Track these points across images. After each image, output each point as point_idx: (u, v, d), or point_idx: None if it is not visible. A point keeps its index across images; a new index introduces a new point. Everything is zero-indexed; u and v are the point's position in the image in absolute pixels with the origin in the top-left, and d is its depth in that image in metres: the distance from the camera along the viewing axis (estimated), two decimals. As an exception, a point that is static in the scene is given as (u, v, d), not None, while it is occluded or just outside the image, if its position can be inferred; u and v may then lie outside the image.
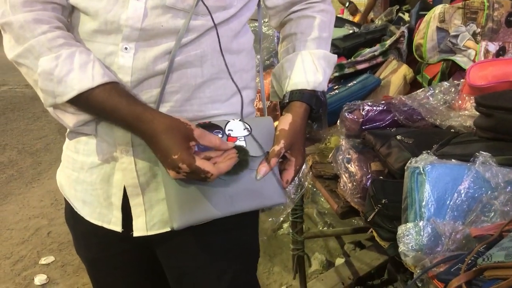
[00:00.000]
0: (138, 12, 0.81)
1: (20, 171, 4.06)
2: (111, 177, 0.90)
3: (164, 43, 0.83)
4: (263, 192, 0.87)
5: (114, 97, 0.79)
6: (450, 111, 1.21)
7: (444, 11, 1.54)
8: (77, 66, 0.78)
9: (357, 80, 1.97)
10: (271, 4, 1.03)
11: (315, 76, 0.95)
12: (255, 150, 0.87)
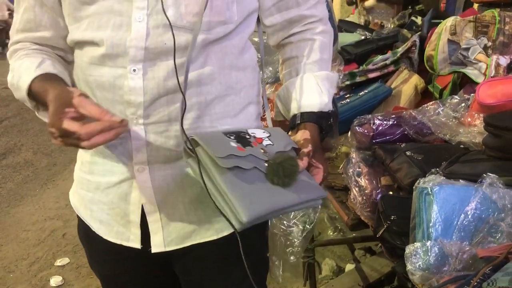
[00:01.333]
0: (141, 32, 0.85)
1: (35, 172, 4.14)
2: (128, 195, 0.94)
3: (170, 61, 0.86)
4: (306, 186, 0.87)
5: (38, 83, 0.88)
6: (459, 126, 1.23)
7: (456, 24, 1.55)
8: (22, 71, 0.91)
9: (368, 89, 1.99)
10: (269, 23, 1.05)
11: (321, 98, 0.97)
12: (283, 145, 0.88)
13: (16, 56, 0.95)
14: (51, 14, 0.93)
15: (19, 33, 0.96)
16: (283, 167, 0.81)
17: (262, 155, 0.84)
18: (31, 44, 0.96)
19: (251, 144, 0.85)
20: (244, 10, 0.95)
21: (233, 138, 0.85)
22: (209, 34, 0.89)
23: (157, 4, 0.84)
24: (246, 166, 0.81)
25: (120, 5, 0.85)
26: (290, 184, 0.82)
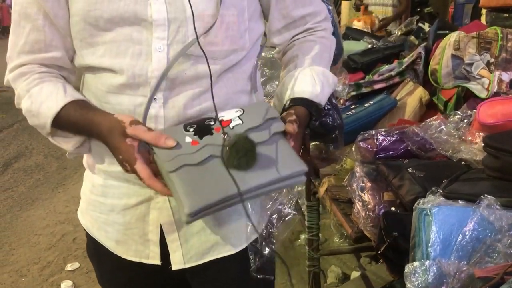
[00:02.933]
0: (162, 62, 0.88)
1: (46, 176, 4.21)
2: (146, 216, 0.98)
3: (190, 90, 0.91)
4: (279, 162, 0.82)
5: (75, 111, 0.89)
6: (461, 143, 1.26)
7: (459, 39, 1.58)
8: (45, 97, 0.90)
9: (374, 101, 2.02)
10: (278, 41, 1.10)
11: (314, 88, 0.98)
12: (255, 120, 0.86)
13: (27, 81, 0.93)
14: (61, 34, 0.93)
15: (25, 55, 0.93)
16: (236, 149, 0.79)
17: (222, 140, 0.82)
18: (38, 67, 0.95)
19: (212, 132, 0.85)
20: (254, 36, 1.00)
21: (192, 131, 0.85)
22: (224, 63, 0.93)
23: (177, 34, 0.88)
24: (196, 161, 0.81)
25: (139, 34, 0.88)
26: (248, 164, 0.80)
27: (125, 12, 0.87)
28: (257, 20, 1.02)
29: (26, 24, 0.92)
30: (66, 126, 0.92)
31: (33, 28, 0.92)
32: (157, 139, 0.82)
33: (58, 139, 0.95)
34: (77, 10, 0.89)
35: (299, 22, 1.06)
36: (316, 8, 1.08)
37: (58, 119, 0.90)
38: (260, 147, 0.83)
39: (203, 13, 0.88)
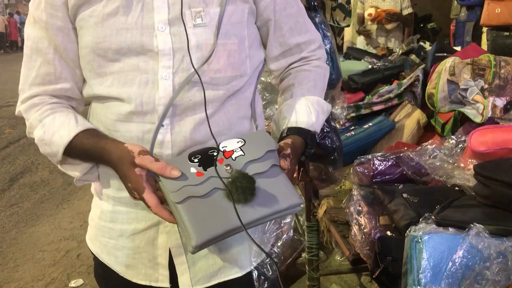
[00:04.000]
0: (168, 90, 0.93)
1: (51, 192, 4.26)
2: (155, 240, 1.02)
3: (195, 115, 0.95)
4: (277, 196, 0.89)
5: (87, 140, 0.94)
6: (455, 169, 1.29)
7: (454, 65, 1.62)
8: (57, 127, 0.95)
9: (373, 122, 2.06)
10: (274, 68, 1.15)
11: (309, 117, 1.03)
12: (256, 152, 0.91)
13: (39, 111, 0.97)
14: (71, 66, 0.99)
15: (36, 87, 0.98)
16: (236, 185, 0.85)
17: (225, 172, 0.88)
18: (49, 98, 0.99)
19: (215, 163, 0.90)
20: (255, 63, 1.05)
21: (196, 162, 0.90)
22: (227, 89, 0.98)
23: (182, 63, 0.93)
24: (201, 193, 0.86)
25: (145, 64, 0.93)
26: (247, 200, 0.86)
27: (132, 43, 0.92)
28: (257, 47, 1.07)
29: (37, 58, 0.98)
30: (77, 154, 0.96)
31: (44, 61, 0.98)
32: (163, 169, 0.86)
33: (67, 167, 0.99)
34: (87, 43, 0.95)
35: (295, 49, 1.12)
36: (311, 36, 1.13)
37: (70, 148, 0.94)
38: (260, 178, 0.89)
39: (206, 43, 0.94)
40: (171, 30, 0.92)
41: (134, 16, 0.92)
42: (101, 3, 0.92)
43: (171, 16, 0.92)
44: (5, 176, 4.63)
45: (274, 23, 1.06)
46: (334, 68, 1.76)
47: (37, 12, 0.96)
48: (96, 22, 0.93)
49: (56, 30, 0.95)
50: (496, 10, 3.35)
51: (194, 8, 0.93)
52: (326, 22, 1.73)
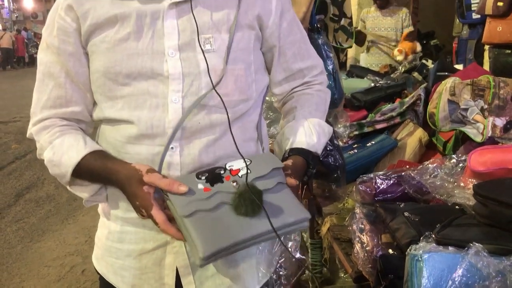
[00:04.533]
0: (178, 113, 0.97)
1: (57, 207, 4.29)
2: (163, 260, 1.04)
3: (204, 138, 0.99)
4: (284, 210, 0.90)
5: (95, 161, 0.97)
6: (455, 188, 1.32)
7: (455, 85, 1.65)
8: (66, 148, 0.98)
9: (375, 141, 2.10)
10: (278, 92, 1.19)
11: (310, 139, 1.06)
12: (261, 170, 0.94)
13: (49, 133, 1.00)
14: (81, 90, 1.02)
15: (47, 109, 1.02)
16: (243, 197, 0.87)
17: (232, 188, 0.90)
18: (60, 120, 1.02)
19: (222, 180, 0.92)
20: (260, 87, 1.09)
21: (204, 179, 0.92)
22: (234, 112, 1.01)
23: (191, 87, 0.96)
24: (208, 207, 0.88)
25: (155, 88, 0.96)
26: (254, 212, 0.87)
27: (143, 68, 0.96)
28: (262, 72, 1.11)
29: (49, 82, 1.02)
30: (85, 175, 0.99)
31: (56, 85, 1.02)
32: (171, 185, 0.89)
33: (75, 188, 1.02)
34: (98, 67, 0.99)
35: (297, 75, 1.15)
36: (313, 62, 1.17)
37: (79, 169, 0.97)
38: (266, 194, 0.91)
39: (215, 68, 0.97)
40: (181, 56, 0.96)
41: (145, 42, 0.96)
42: (113, 29, 0.96)
43: (181, 42, 0.96)
44: (11, 191, 4.67)
45: (279, 49, 1.10)
46: (336, 87, 1.79)
47: (50, 38, 1.00)
48: (107, 47, 0.97)
49: (68, 55, 0.99)
50: (498, 29, 3.38)
51: (203, 35, 0.97)
52: (328, 43, 1.78)
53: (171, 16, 0.96)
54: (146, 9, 0.96)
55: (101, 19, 0.97)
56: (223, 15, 0.99)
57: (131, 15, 0.96)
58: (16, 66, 19.96)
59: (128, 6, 0.96)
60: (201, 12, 0.98)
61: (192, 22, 0.96)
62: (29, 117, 1.06)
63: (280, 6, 1.07)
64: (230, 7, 1.00)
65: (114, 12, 0.96)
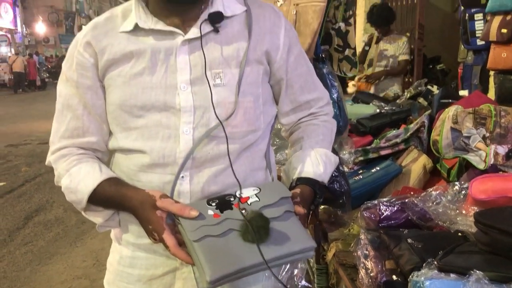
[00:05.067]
0: (188, 144, 1.02)
1: (65, 230, 4.33)
2: (172, 286, 1.07)
3: (213, 167, 1.03)
4: (291, 238, 0.93)
5: (109, 187, 1.02)
6: (458, 215, 1.34)
7: (457, 114, 1.69)
8: (83, 176, 1.03)
9: (380, 167, 2.13)
10: (285, 122, 1.24)
11: (317, 168, 1.11)
12: (270, 199, 0.97)
13: (67, 161, 1.06)
14: (98, 121, 1.08)
15: (65, 139, 1.08)
16: (252, 224, 0.90)
17: (240, 215, 0.93)
18: (77, 149, 1.08)
19: (232, 207, 0.96)
20: (268, 118, 1.14)
21: (214, 205, 0.96)
22: (243, 143, 1.06)
23: (202, 119, 1.02)
24: (217, 232, 0.91)
25: (168, 120, 1.02)
26: (262, 239, 0.91)
27: (156, 101, 1.02)
28: (270, 104, 1.16)
29: (67, 113, 1.08)
30: (100, 201, 1.04)
31: (74, 116, 1.08)
32: (182, 210, 0.93)
33: (90, 214, 1.07)
34: (114, 100, 1.05)
35: (304, 106, 1.20)
36: (319, 94, 1.22)
37: (94, 195, 1.02)
38: (274, 222, 0.95)
39: (225, 101, 1.03)
40: (193, 89, 1.02)
41: (159, 77, 1.02)
42: (129, 64, 1.03)
43: (192, 76, 1.02)
44: (20, 214, 4.72)
45: (286, 82, 1.15)
46: (341, 115, 1.84)
47: (69, 72, 1.06)
48: (123, 81, 1.03)
49: (86, 88, 1.06)
50: (502, 55, 3.43)
51: (214, 70, 1.03)
52: (333, 72, 1.83)
53: (183, 52, 1.02)
54: (160, 46, 1.02)
55: (118, 54, 1.03)
56: (233, 50, 1.05)
57: (146, 51, 1.02)
58: (27, 89, 20.28)
59: (144, 43, 1.03)
60: (211, 48, 1.03)
61: (203, 58, 1.01)
62: (39, 140, 1.14)
63: (288, 41, 1.12)
64: (240, 43, 1.06)
65: (130, 49, 1.03)
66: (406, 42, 4.69)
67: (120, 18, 1.07)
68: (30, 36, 30.38)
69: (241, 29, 1.07)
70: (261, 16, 1.10)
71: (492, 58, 3.60)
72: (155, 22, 1.03)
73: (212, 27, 1.04)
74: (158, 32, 1.03)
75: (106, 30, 1.06)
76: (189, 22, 1.04)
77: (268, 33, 1.10)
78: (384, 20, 4.68)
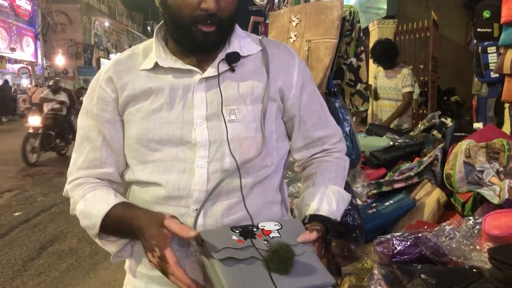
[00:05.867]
0: (203, 177, 1.04)
1: (79, 260, 4.33)
2: None
3: (226, 200, 1.05)
4: (312, 272, 0.94)
5: (123, 209, 1.03)
6: (472, 251, 1.33)
7: (469, 148, 1.69)
8: (98, 201, 1.04)
9: (394, 200, 2.12)
10: (298, 158, 1.25)
11: (330, 206, 1.11)
12: (291, 239, 0.98)
13: (83, 188, 1.09)
14: (115, 153, 1.12)
15: (82, 170, 1.12)
16: (278, 254, 0.91)
17: (263, 245, 0.95)
18: (93, 179, 1.11)
19: (255, 236, 0.97)
20: (281, 153, 1.16)
21: (237, 232, 0.97)
22: (256, 177, 1.08)
23: (216, 153, 1.04)
24: (241, 257, 0.92)
25: (184, 154, 1.05)
26: (286, 270, 0.91)
27: (173, 135, 1.05)
28: (283, 140, 1.18)
29: (87, 144, 1.12)
30: (113, 225, 1.04)
31: (92, 148, 1.11)
32: (183, 229, 0.94)
33: (104, 242, 1.07)
34: (133, 134, 1.08)
35: (317, 142, 1.22)
36: (332, 131, 1.24)
37: (107, 219, 1.03)
38: (295, 258, 0.95)
39: (239, 136, 1.05)
40: (208, 125, 1.05)
41: (176, 112, 1.05)
42: (148, 101, 1.07)
43: (208, 112, 1.05)
44: (35, 244, 4.74)
45: (299, 118, 1.17)
46: (354, 148, 1.85)
47: (90, 105, 1.11)
48: (142, 116, 1.07)
49: (105, 121, 1.10)
50: (517, 87, 3.44)
51: (229, 106, 1.06)
52: (345, 106, 1.86)
53: (200, 89, 1.06)
54: (178, 83, 1.07)
55: (138, 91, 1.07)
56: (248, 88, 1.08)
57: (164, 88, 1.06)
58: (45, 120, 20.66)
59: (163, 80, 1.07)
60: (227, 86, 1.07)
61: (219, 95, 1.05)
62: (55, 170, 1.15)
63: (301, 80, 1.16)
64: (255, 81, 1.10)
65: (150, 86, 1.07)
66: (408, 75, 4.70)
67: (141, 56, 1.12)
68: (50, 68, 31.18)
69: (256, 68, 1.11)
70: (276, 55, 1.14)
71: (507, 90, 3.60)
72: (174, 61, 1.08)
73: (228, 66, 1.08)
74: (177, 70, 1.08)
75: (127, 67, 1.11)
76: (207, 61, 1.09)
77: (282, 72, 1.13)
78: (386, 57, 4.71)
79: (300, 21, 1.92)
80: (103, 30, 39.80)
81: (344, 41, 1.96)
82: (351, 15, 1.97)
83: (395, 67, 4.77)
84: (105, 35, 40.48)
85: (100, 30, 38.99)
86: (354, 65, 1.98)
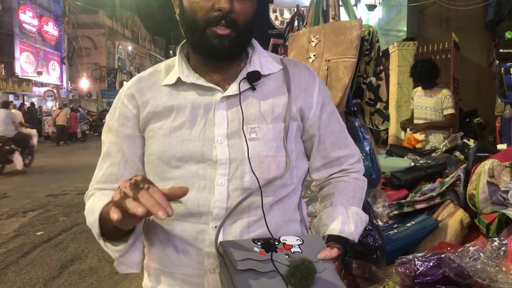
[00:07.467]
0: (223, 195, 1.04)
1: (98, 280, 4.34)
2: None
3: (245, 218, 1.05)
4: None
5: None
6: (498, 272, 1.29)
7: (493, 167, 1.66)
8: (103, 198, 1.03)
9: (415, 221, 2.08)
10: (316, 177, 1.25)
11: (348, 227, 1.10)
12: (312, 255, 0.97)
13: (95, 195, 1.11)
14: (133, 169, 1.13)
15: (100, 184, 1.14)
16: (300, 269, 0.90)
17: (284, 260, 0.94)
18: (109, 191, 1.11)
19: (276, 250, 0.96)
20: (300, 172, 1.16)
21: (259, 244, 0.96)
22: (275, 195, 1.08)
23: (236, 171, 1.05)
24: (262, 269, 0.91)
25: (204, 171, 1.05)
26: (307, 286, 0.90)
27: (194, 153, 1.06)
28: (302, 159, 1.19)
29: (107, 160, 1.15)
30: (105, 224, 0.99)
31: (111, 163, 1.14)
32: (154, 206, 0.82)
33: (106, 243, 1.03)
34: (154, 150, 1.10)
35: (335, 162, 1.22)
36: (351, 151, 1.24)
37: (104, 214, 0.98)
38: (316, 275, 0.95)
39: (259, 154, 1.06)
40: (229, 143, 1.06)
41: (198, 130, 1.07)
42: (170, 118, 1.08)
43: (229, 130, 1.06)
44: (56, 264, 4.78)
45: (318, 138, 1.18)
46: (374, 168, 1.83)
47: (111, 121, 1.14)
48: (164, 133, 1.08)
49: (125, 137, 1.12)
50: (541, 108, 3.38)
51: (250, 125, 1.07)
52: (365, 125, 1.85)
53: (222, 107, 1.08)
54: (200, 101, 1.08)
55: (159, 108, 1.09)
56: (268, 107, 1.09)
57: (186, 106, 1.08)
58: (68, 141, 21.08)
59: (185, 98, 1.09)
60: (249, 104, 1.09)
61: (240, 114, 1.06)
62: (77, 190, 1.18)
63: (321, 100, 1.17)
64: (276, 100, 1.11)
65: (172, 103, 1.09)
66: (449, 96, 4.63)
67: (163, 73, 1.14)
68: (74, 91, 31.93)
69: (277, 87, 1.13)
70: (296, 75, 1.15)
71: (531, 111, 3.53)
72: (197, 77, 1.10)
73: (249, 85, 1.09)
74: (198, 87, 1.09)
75: (149, 84, 1.13)
76: (228, 80, 1.11)
77: (303, 92, 1.14)
78: (427, 76, 4.68)
79: (319, 41, 1.94)
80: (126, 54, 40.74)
81: (363, 60, 1.97)
82: (370, 35, 1.98)
83: (434, 87, 4.73)
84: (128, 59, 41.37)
85: (124, 54, 39.93)
86: (373, 84, 1.98)
